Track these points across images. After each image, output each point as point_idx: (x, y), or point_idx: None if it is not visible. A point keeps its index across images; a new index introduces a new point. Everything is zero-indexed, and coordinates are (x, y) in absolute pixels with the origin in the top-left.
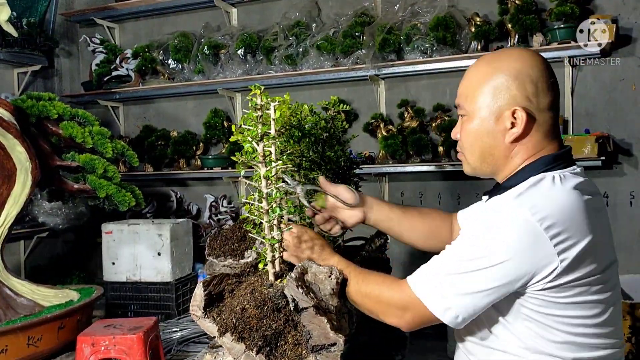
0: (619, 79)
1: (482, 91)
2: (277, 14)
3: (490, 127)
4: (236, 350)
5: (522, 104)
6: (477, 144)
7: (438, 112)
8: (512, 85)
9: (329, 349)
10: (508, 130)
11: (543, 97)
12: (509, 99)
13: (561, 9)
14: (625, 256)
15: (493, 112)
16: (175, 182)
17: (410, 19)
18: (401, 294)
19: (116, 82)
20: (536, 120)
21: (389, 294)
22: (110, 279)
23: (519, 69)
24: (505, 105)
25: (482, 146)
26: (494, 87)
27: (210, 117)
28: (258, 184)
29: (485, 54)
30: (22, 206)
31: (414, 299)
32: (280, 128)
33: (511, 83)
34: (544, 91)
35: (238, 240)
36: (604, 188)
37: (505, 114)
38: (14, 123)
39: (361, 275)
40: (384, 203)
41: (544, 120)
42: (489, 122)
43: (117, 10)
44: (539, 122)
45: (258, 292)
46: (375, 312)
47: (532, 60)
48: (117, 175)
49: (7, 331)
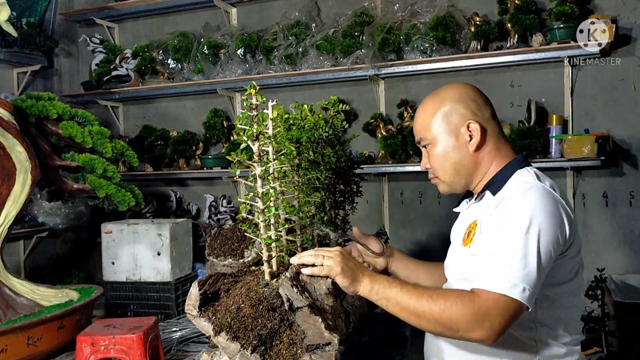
0: (619, 79)
1: (436, 120)
2: (277, 14)
3: (453, 144)
4: (231, 349)
5: (472, 118)
6: (447, 162)
7: None
8: (458, 107)
9: (324, 349)
10: (468, 142)
11: (484, 109)
12: (460, 117)
13: (561, 9)
14: (625, 256)
15: (452, 132)
16: (175, 182)
17: (410, 19)
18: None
19: (116, 82)
20: (487, 128)
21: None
22: (110, 278)
23: (458, 94)
24: (459, 122)
25: (452, 162)
26: (444, 113)
27: (209, 117)
28: (253, 184)
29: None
30: (22, 206)
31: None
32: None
33: (457, 105)
34: (483, 105)
35: (238, 240)
36: (603, 188)
37: (462, 130)
38: (14, 123)
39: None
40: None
41: (493, 127)
42: (451, 141)
43: (117, 10)
44: (489, 129)
45: (253, 292)
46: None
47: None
48: (116, 175)
49: (7, 331)
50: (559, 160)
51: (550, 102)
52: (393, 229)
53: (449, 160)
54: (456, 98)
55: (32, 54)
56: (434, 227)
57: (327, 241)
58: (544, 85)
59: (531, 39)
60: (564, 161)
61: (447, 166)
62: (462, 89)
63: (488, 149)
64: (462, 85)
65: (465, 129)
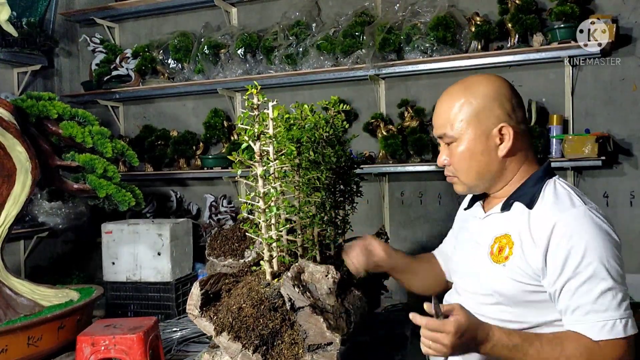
0: (619, 79)
1: (465, 116)
2: (277, 14)
3: (482, 146)
4: (233, 349)
5: (506, 121)
6: (473, 164)
7: None
8: (493, 106)
9: (325, 348)
10: (498, 146)
11: (518, 111)
12: (493, 118)
13: (561, 9)
14: (625, 256)
15: (482, 133)
16: (175, 182)
17: (410, 19)
18: (582, 347)
19: (116, 82)
20: (519, 133)
21: (575, 353)
22: (110, 278)
23: (494, 90)
24: (491, 124)
25: (478, 165)
26: (476, 110)
27: (210, 117)
28: (255, 184)
29: (453, 85)
30: (22, 206)
31: (619, 345)
32: (278, 127)
33: (492, 104)
34: (518, 106)
35: (238, 240)
36: (604, 188)
37: (493, 132)
38: (14, 123)
39: (536, 344)
40: (400, 253)
41: (524, 132)
42: (480, 142)
43: (117, 10)
44: (521, 134)
45: (255, 292)
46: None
47: (501, 82)
48: (117, 175)
49: (7, 331)
50: (560, 160)
51: (550, 102)
52: (393, 229)
53: (475, 162)
54: (491, 95)
55: (33, 54)
56: (435, 227)
57: (327, 242)
58: (545, 85)
59: (532, 39)
60: (564, 161)
61: (472, 168)
62: (499, 85)
63: (518, 155)
64: (498, 80)
65: (497, 132)
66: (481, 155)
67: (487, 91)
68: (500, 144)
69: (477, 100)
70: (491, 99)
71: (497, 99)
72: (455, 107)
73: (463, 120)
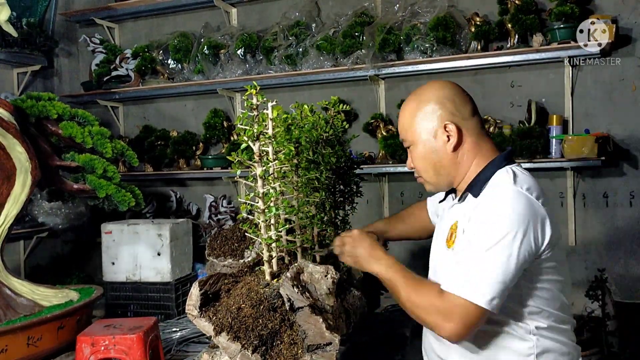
0: (619, 79)
1: (417, 121)
2: (277, 14)
3: (432, 145)
4: (232, 349)
5: (449, 119)
6: (428, 163)
7: None
8: (436, 108)
9: (325, 349)
10: (446, 142)
11: (463, 108)
12: (437, 119)
13: (561, 9)
14: (625, 256)
15: (430, 133)
16: (175, 182)
17: (410, 19)
18: (445, 303)
19: (116, 82)
20: (465, 127)
21: (436, 303)
22: (110, 279)
23: (436, 94)
24: (437, 124)
25: (432, 162)
26: (424, 114)
27: (210, 117)
28: (254, 184)
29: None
30: (22, 206)
31: (461, 305)
32: (277, 127)
33: (435, 106)
34: (461, 103)
35: (238, 241)
36: (604, 188)
37: (439, 131)
38: (14, 123)
39: (412, 283)
40: (390, 222)
41: (472, 125)
42: (430, 142)
43: (117, 10)
44: (468, 128)
45: (254, 292)
46: (427, 324)
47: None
48: (116, 175)
49: (7, 331)
50: (560, 160)
51: (550, 102)
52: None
53: (429, 160)
54: (434, 99)
55: (32, 54)
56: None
57: (327, 241)
58: (544, 86)
59: (531, 39)
60: (564, 161)
61: (428, 167)
62: (440, 89)
63: (467, 148)
64: (441, 84)
65: (442, 130)
66: (433, 153)
67: (431, 95)
68: (449, 140)
69: (422, 105)
70: (434, 101)
71: (438, 100)
72: (409, 115)
73: (415, 125)
